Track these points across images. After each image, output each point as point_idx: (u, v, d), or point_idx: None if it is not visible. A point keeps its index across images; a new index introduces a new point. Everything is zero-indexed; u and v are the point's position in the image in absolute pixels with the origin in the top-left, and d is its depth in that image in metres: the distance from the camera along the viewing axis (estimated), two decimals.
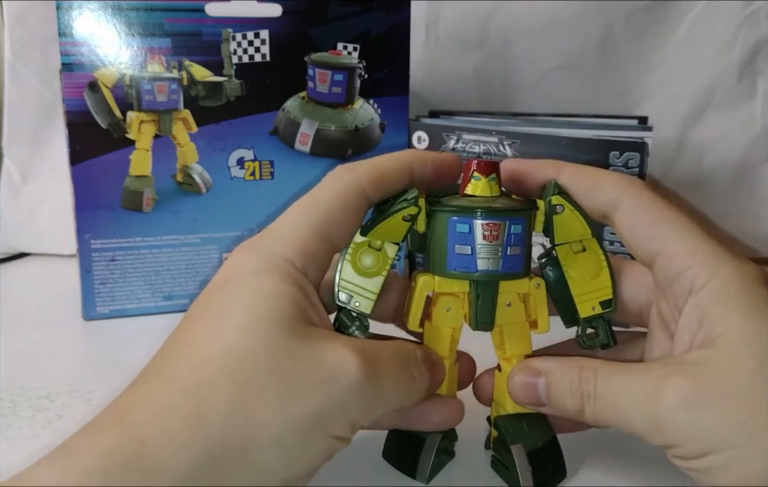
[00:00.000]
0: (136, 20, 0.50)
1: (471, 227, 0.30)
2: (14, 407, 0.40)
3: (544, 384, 0.31)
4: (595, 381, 0.30)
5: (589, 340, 0.32)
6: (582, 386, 0.30)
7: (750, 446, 0.26)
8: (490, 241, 0.30)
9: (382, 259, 0.31)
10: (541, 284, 0.32)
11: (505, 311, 0.32)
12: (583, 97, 0.71)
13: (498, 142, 0.55)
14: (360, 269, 0.31)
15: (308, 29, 0.53)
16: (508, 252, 0.30)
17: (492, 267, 0.30)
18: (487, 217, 0.30)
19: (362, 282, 0.31)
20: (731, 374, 0.27)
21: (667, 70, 0.70)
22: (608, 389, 0.29)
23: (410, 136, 0.58)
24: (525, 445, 0.32)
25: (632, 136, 0.52)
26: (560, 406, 0.31)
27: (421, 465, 0.33)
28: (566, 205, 0.32)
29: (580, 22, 0.70)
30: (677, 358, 0.30)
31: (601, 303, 0.32)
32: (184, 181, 0.53)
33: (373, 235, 0.31)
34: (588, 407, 0.30)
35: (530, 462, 0.31)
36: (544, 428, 0.33)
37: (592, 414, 0.30)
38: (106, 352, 0.49)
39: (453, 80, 0.72)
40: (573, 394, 0.30)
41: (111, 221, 0.52)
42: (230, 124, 0.53)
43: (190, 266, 0.54)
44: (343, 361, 0.27)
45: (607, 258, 0.32)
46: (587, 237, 0.32)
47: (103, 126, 0.50)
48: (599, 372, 0.30)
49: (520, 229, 0.31)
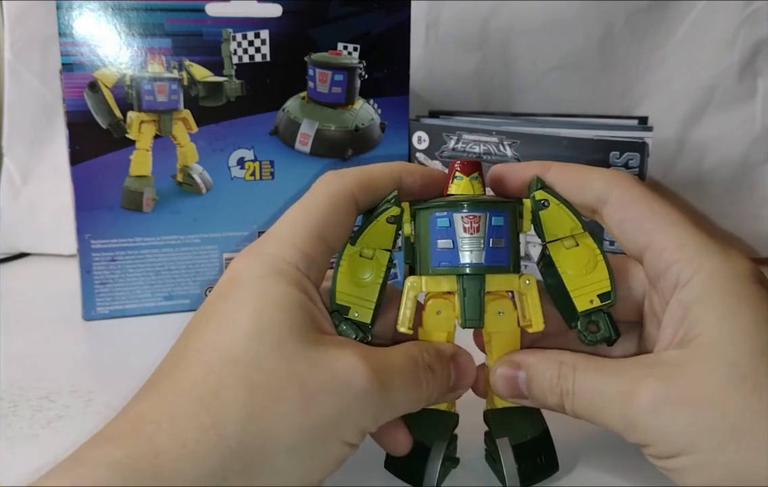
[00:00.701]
0: (136, 20, 0.50)
1: (451, 220, 0.30)
2: (14, 407, 0.40)
3: (525, 378, 0.31)
4: (574, 378, 0.30)
5: (591, 334, 0.32)
6: (561, 383, 0.30)
7: (714, 451, 0.26)
8: (471, 234, 0.30)
9: (375, 267, 0.32)
10: (531, 280, 0.32)
11: (497, 319, 0.32)
12: (583, 97, 0.71)
13: (498, 142, 0.55)
14: (355, 279, 0.31)
15: (308, 29, 0.53)
16: (490, 244, 0.30)
17: (475, 260, 0.30)
18: (466, 210, 0.30)
19: (358, 292, 0.31)
20: (702, 379, 0.27)
21: (667, 70, 0.70)
22: (585, 387, 0.30)
23: (410, 136, 0.58)
24: (511, 438, 0.32)
25: (632, 136, 0.52)
26: (541, 400, 0.31)
27: (428, 475, 0.32)
28: (551, 199, 0.32)
29: (580, 22, 0.70)
30: (654, 357, 0.30)
31: (599, 296, 0.32)
32: (184, 181, 0.53)
33: (361, 242, 0.32)
34: (567, 403, 0.30)
35: (517, 455, 0.31)
36: (534, 422, 0.33)
37: (571, 410, 0.30)
38: (106, 352, 0.49)
39: (453, 80, 0.72)
40: (552, 390, 0.30)
41: (111, 221, 0.52)
42: (230, 124, 0.53)
43: (190, 266, 0.54)
44: (353, 369, 0.27)
45: (602, 250, 0.32)
46: (578, 231, 0.32)
47: (103, 126, 0.50)
48: (578, 368, 0.30)
49: (501, 222, 0.31)
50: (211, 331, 0.27)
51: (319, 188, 0.31)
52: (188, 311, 0.54)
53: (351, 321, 0.31)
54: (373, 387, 0.27)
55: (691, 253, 0.29)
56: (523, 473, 0.31)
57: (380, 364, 0.28)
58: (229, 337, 0.27)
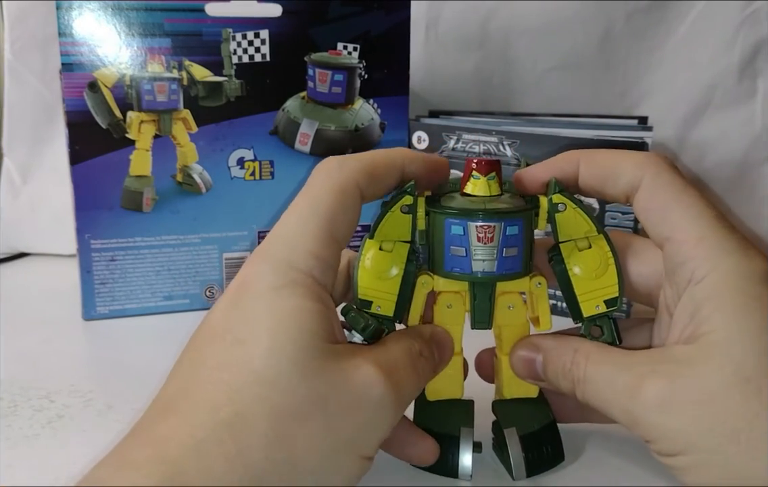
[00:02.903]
0: (136, 20, 0.50)
1: (465, 229, 0.30)
2: (14, 407, 0.40)
3: (542, 361, 0.32)
4: (585, 367, 0.31)
5: (593, 338, 0.32)
6: (573, 370, 0.31)
7: (714, 452, 0.27)
8: (485, 243, 0.30)
9: (395, 260, 0.31)
10: (542, 282, 0.32)
11: (507, 313, 0.33)
12: (583, 97, 0.71)
13: (498, 142, 0.55)
14: (376, 273, 0.31)
15: (308, 29, 0.53)
16: (503, 253, 0.30)
17: (487, 269, 0.30)
18: (481, 220, 0.30)
19: (380, 285, 0.31)
20: (707, 379, 0.27)
21: (667, 70, 0.70)
22: (595, 377, 0.30)
23: (410, 136, 0.58)
24: (519, 428, 0.32)
25: (632, 136, 0.52)
26: (555, 384, 0.32)
27: (462, 464, 0.32)
28: (568, 204, 0.32)
29: (580, 22, 0.70)
30: (662, 352, 0.30)
31: (606, 301, 0.32)
32: (184, 181, 0.53)
33: (379, 235, 0.31)
34: (578, 390, 0.31)
35: (523, 445, 0.32)
36: (542, 413, 0.33)
37: (582, 397, 0.31)
38: (106, 352, 0.49)
39: (453, 80, 0.72)
40: (566, 375, 0.31)
41: (111, 221, 0.52)
42: (230, 124, 0.53)
43: (190, 266, 0.54)
44: (370, 379, 0.27)
45: (614, 255, 0.32)
46: (593, 234, 0.32)
47: (103, 126, 0.50)
48: (590, 358, 0.31)
49: (516, 230, 0.30)
50: (228, 346, 0.27)
51: (322, 180, 0.30)
52: (188, 311, 0.55)
53: (363, 313, 0.31)
54: (389, 391, 0.27)
55: (708, 249, 0.29)
56: (529, 463, 0.32)
57: (390, 367, 0.28)
58: (247, 354, 0.26)
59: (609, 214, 0.52)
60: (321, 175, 0.30)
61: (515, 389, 0.34)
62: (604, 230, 0.32)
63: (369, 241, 0.32)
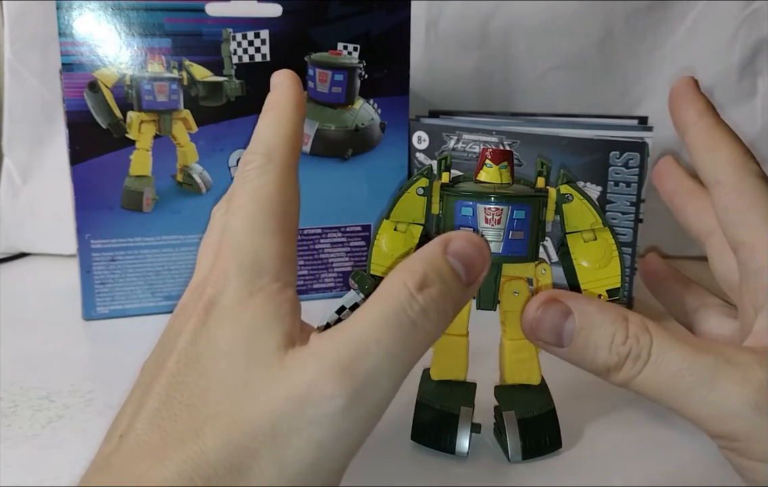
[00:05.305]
0: (136, 20, 0.50)
1: (474, 210, 0.32)
2: (14, 407, 0.40)
3: (574, 326, 0.27)
4: (651, 343, 0.26)
5: None
6: (631, 344, 0.26)
7: None
8: (492, 225, 0.31)
9: (408, 240, 0.33)
10: (547, 270, 0.33)
11: (513, 299, 0.34)
12: (583, 97, 0.71)
13: (498, 142, 0.55)
14: (390, 251, 0.33)
15: (308, 29, 0.53)
16: (510, 236, 0.31)
17: (493, 250, 0.31)
18: (489, 202, 0.31)
19: (393, 263, 0.33)
20: None
21: (667, 70, 0.70)
22: (666, 358, 0.26)
23: (410, 136, 0.58)
24: (518, 412, 0.33)
25: (632, 136, 0.52)
26: (587, 355, 0.27)
27: (459, 440, 0.33)
28: (575, 194, 0.33)
29: (580, 22, 0.70)
30: (757, 348, 0.27)
31: (608, 291, 0.33)
32: (184, 181, 0.53)
33: (395, 216, 0.33)
34: (631, 369, 0.26)
35: (521, 430, 0.33)
36: (542, 400, 0.34)
37: (632, 379, 0.26)
38: (106, 352, 0.49)
39: (453, 80, 0.72)
40: (614, 349, 0.26)
41: (111, 221, 0.52)
42: (230, 124, 0.53)
43: (190, 265, 0.54)
44: (320, 387, 0.23)
45: (618, 247, 0.33)
46: (598, 226, 0.33)
47: (103, 126, 0.50)
48: (655, 334, 0.26)
49: (523, 215, 0.31)
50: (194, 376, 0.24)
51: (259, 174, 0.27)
52: None
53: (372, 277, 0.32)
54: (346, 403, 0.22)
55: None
56: (525, 447, 0.33)
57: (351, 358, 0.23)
58: (208, 384, 0.24)
59: (609, 214, 0.52)
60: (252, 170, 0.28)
61: (518, 376, 0.35)
62: (609, 223, 0.33)
63: (385, 221, 0.33)
